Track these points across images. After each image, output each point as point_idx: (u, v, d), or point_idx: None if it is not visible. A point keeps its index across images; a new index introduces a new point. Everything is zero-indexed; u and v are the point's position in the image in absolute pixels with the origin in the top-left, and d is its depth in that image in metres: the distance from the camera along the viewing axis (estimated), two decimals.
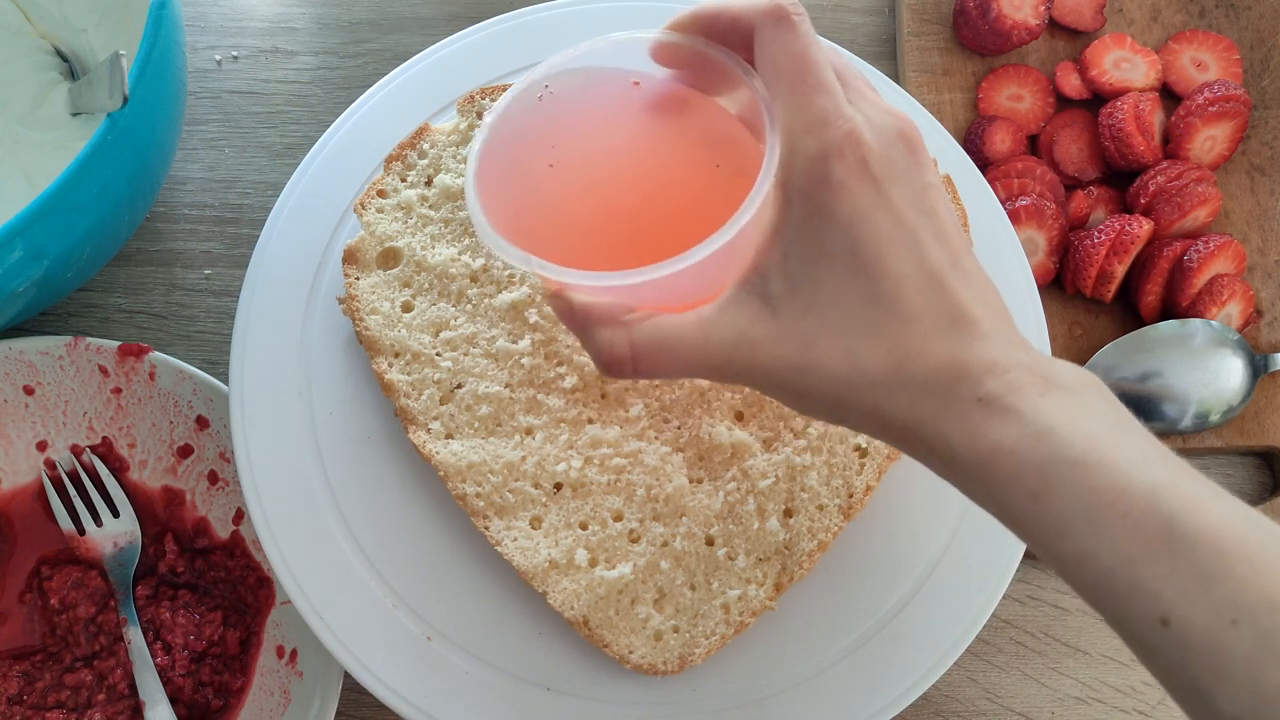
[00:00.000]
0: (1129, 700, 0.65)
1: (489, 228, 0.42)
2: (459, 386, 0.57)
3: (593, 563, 0.55)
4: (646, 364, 0.41)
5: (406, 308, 0.59)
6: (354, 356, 0.60)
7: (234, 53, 0.76)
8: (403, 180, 0.61)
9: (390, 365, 0.57)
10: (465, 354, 0.57)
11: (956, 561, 0.57)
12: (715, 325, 0.40)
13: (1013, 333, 0.39)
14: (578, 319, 0.43)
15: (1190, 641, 0.32)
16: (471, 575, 0.57)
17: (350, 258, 0.59)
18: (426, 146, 0.61)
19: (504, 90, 0.62)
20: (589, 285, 0.41)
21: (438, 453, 0.56)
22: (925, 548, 0.58)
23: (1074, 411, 0.36)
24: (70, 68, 0.69)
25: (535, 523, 0.55)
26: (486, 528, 0.55)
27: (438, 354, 0.57)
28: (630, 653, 0.54)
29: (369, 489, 0.58)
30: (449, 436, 0.56)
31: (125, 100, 0.52)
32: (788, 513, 0.56)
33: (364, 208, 0.60)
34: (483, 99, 0.62)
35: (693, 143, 0.45)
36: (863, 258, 0.38)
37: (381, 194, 0.60)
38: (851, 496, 0.56)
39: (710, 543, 0.55)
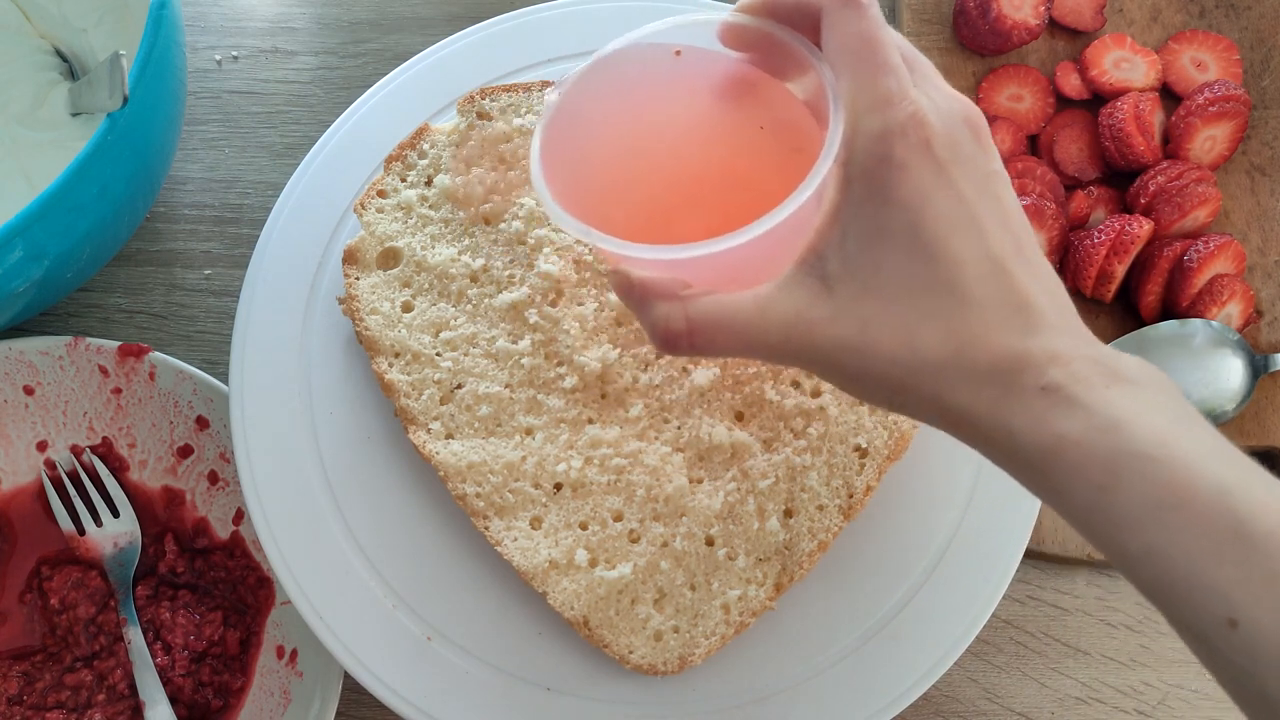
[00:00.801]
0: (1129, 700, 0.65)
1: (552, 199, 0.42)
2: (459, 387, 0.57)
3: (593, 563, 0.55)
4: (702, 339, 0.41)
5: (406, 308, 0.59)
6: (354, 356, 0.60)
7: (234, 53, 0.76)
8: (403, 180, 0.61)
9: (390, 365, 0.57)
10: (465, 354, 0.57)
11: (956, 561, 0.57)
12: (772, 303, 0.40)
13: (1077, 324, 0.39)
14: (635, 293, 0.42)
15: (1258, 644, 0.32)
16: (471, 575, 0.57)
17: (350, 258, 0.59)
18: (426, 146, 0.61)
19: (505, 90, 0.62)
20: (647, 258, 0.41)
21: (438, 453, 0.56)
22: (925, 547, 0.58)
23: (1141, 405, 0.35)
24: (70, 68, 0.69)
25: (535, 523, 0.55)
26: (486, 528, 0.55)
27: (438, 354, 0.57)
28: (630, 653, 0.54)
29: (369, 489, 0.58)
30: (449, 436, 0.56)
31: (125, 100, 0.52)
32: (788, 513, 0.56)
33: (364, 208, 0.60)
34: (483, 99, 0.62)
35: (756, 123, 0.45)
36: (923, 240, 0.38)
37: (381, 194, 0.60)
38: (851, 497, 0.56)
39: (710, 543, 0.55)
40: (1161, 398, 0.36)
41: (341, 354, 0.60)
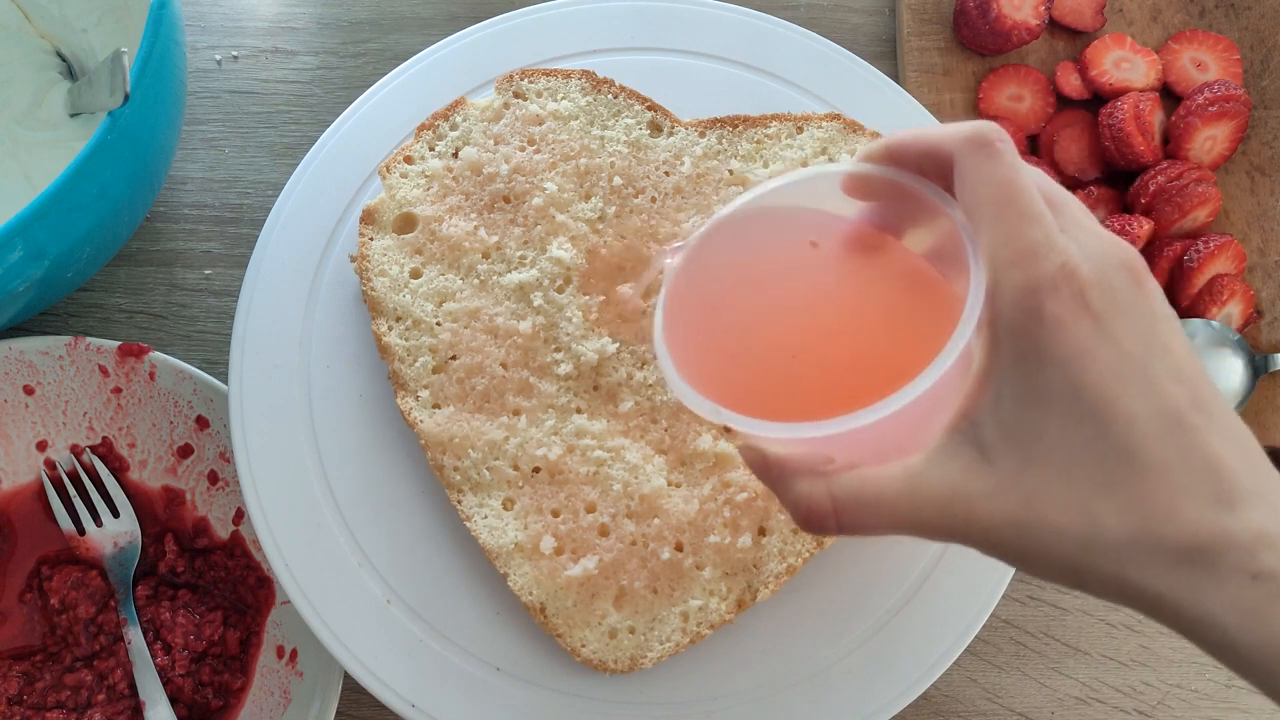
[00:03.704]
0: (1129, 700, 0.65)
1: (677, 377, 0.41)
2: (454, 358, 0.57)
3: (558, 551, 0.54)
4: (849, 518, 0.38)
5: (415, 274, 0.59)
6: (355, 357, 0.60)
7: (234, 53, 0.76)
8: (431, 149, 0.61)
9: (390, 329, 0.58)
10: (465, 326, 0.57)
11: (956, 561, 0.57)
12: (924, 478, 0.37)
13: (1278, 486, 0.35)
14: (773, 471, 0.40)
15: None
16: (472, 575, 0.57)
17: (368, 217, 0.59)
18: (459, 119, 0.61)
19: (545, 74, 0.62)
20: (782, 438, 0.39)
21: (421, 420, 0.56)
22: (925, 546, 0.57)
23: None
24: (70, 68, 0.69)
25: (508, 504, 0.55)
26: (459, 501, 0.55)
27: (438, 323, 0.58)
28: (582, 646, 0.54)
29: (369, 489, 0.58)
30: (435, 406, 0.56)
31: (126, 98, 0.52)
32: (761, 531, 0.55)
33: (389, 170, 0.60)
34: (522, 79, 0.62)
35: (881, 284, 0.44)
36: (1087, 400, 0.34)
37: (408, 160, 0.61)
38: None
39: (679, 549, 0.55)
40: None
41: (342, 353, 0.60)
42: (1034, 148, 0.73)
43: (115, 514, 0.64)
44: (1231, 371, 0.67)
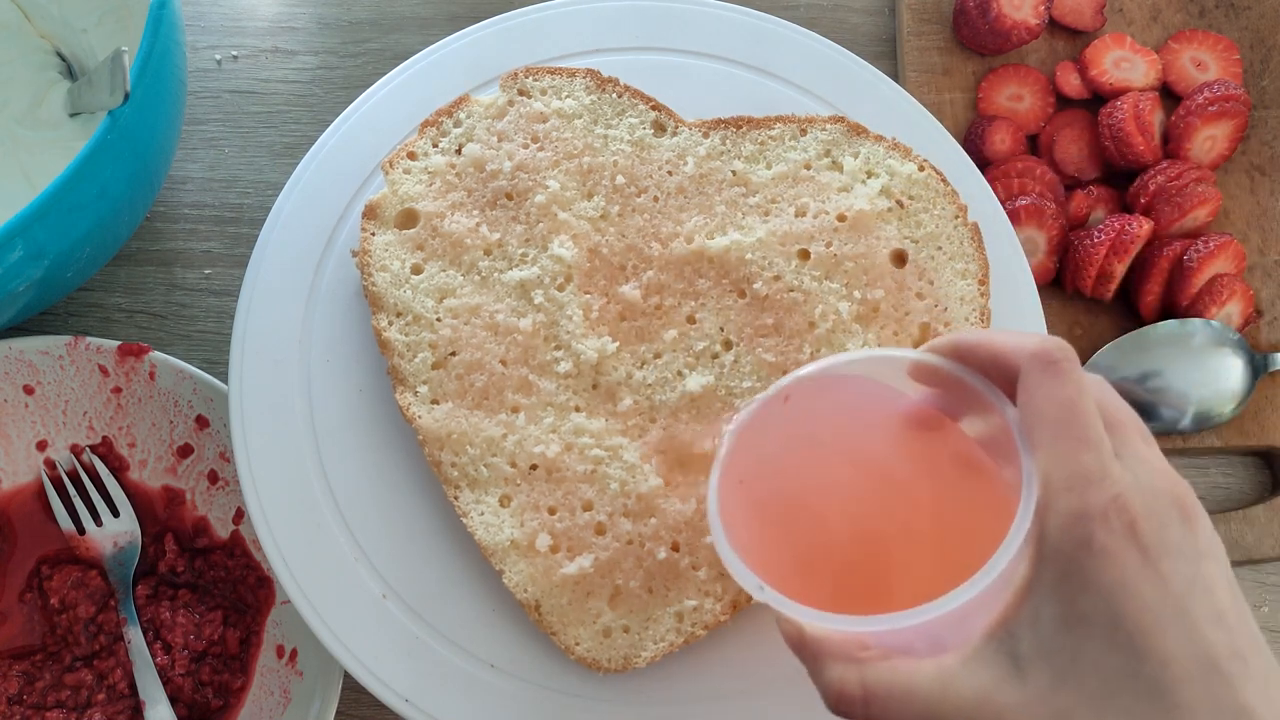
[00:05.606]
0: None
1: (728, 548, 0.42)
2: (453, 354, 0.57)
3: (554, 549, 0.54)
4: (878, 708, 0.39)
5: (416, 270, 0.59)
6: (355, 357, 0.60)
7: (234, 53, 0.76)
8: (434, 145, 0.61)
9: (390, 324, 0.58)
10: (466, 323, 0.57)
11: None
12: (957, 680, 0.37)
13: None
14: (808, 649, 0.42)
15: None
16: (469, 572, 0.57)
17: (370, 212, 0.59)
18: (463, 116, 0.61)
19: (550, 72, 0.62)
20: (822, 626, 0.40)
21: (420, 416, 0.56)
22: None
23: None
24: (70, 68, 0.69)
25: (505, 501, 0.55)
26: (456, 497, 0.55)
27: (438, 319, 0.58)
28: (576, 644, 0.54)
29: (368, 487, 0.58)
30: (434, 402, 0.57)
31: (127, 96, 0.52)
32: None
33: (392, 166, 0.60)
34: (527, 77, 0.62)
35: (934, 465, 0.45)
36: (1125, 632, 0.35)
37: (412, 156, 0.61)
38: None
39: (675, 549, 0.55)
40: None
41: (341, 351, 0.60)
42: (1034, 148, 0.73)
43: (115, 514, 0.64)
44: (1231, 371, 0.67)
